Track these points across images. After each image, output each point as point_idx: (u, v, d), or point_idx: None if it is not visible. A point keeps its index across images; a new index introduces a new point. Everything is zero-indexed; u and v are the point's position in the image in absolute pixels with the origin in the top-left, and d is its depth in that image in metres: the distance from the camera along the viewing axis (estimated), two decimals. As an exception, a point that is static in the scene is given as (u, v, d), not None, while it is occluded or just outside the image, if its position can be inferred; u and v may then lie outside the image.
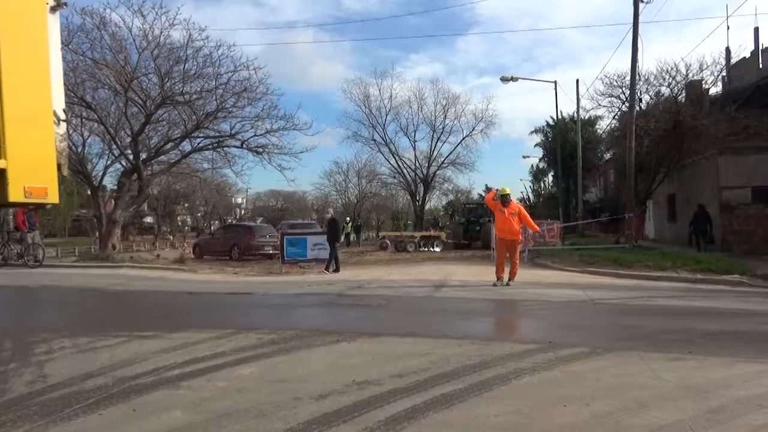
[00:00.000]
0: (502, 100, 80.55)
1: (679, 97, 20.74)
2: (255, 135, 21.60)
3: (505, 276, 11.29)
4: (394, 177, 43.66)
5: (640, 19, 18.46)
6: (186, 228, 56.83)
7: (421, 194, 42.21)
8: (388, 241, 26.52)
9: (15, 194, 2.68)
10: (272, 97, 20.96)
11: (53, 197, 2.89)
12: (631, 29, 18.61)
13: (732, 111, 19.83)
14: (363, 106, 40.63)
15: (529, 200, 55.16)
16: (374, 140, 41.00)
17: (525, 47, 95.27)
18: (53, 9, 2.82)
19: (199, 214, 57.67)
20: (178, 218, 55.29)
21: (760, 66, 23.10)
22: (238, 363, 4.96)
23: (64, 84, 2.77)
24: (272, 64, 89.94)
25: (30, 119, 2.75)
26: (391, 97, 40.59)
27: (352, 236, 35.87)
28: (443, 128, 40.58)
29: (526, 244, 18.01)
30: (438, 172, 41.75)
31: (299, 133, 24.32)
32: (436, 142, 40.77)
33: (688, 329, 6.45)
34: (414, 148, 41.58)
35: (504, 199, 11.39)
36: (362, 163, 47.28)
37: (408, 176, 41.91)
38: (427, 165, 41.11)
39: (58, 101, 2.96)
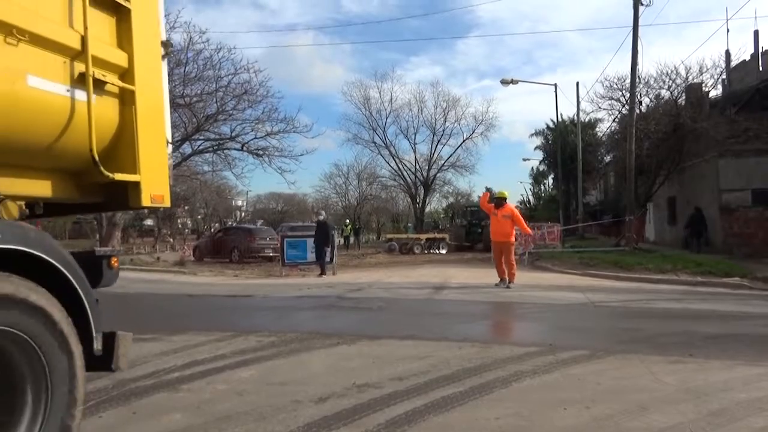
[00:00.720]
0: (503, 103, 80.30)
1: (679, 99, 20.76)
2: (255, 137, 21.66)
3: (507, 278, 11.34)
4: (395, 179, 43.73)
5: (640, 21, 18.55)
6: (186, 231, 56.81)
7: (422, 197, 42.26)
8: (396, 244, 26.55)
9: (145, 201, 3.39)
10: (272, 100, 21.00)
11: (167, 202, 3.65)
12: (631, 32, 18.67)
13: (732, 114, 19.86)
14: (363, 108, 40.72)
15: (529, 203, 55.13)
16: (374, 143, 41.11)
17: (525, 50, 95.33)
18: (163, 57, 3.60)
19: (199, 217, 57.63)
20: (179, 221, 55.27)
21: (760, 69, 23.14)
22: (238, 365, 4.95)
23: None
24: (272, 66, 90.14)
25: (153, 143, 3.47)
26: (391, 99, 40.71)
27: (352, 239, 35.85)
28: (443, 131, 40.69)
29: (526, 247, 18.05)
30: (438, 174, 41.82)
31: (299, 136, 24.42)
32: (437, 145, 40.87)
33: (689, 332, 6.44)
34: (414, 151, 41.67)
35: (498, 201, 11.47)
36: (362, 166, 47.36)
37: (408, 179, 41.96)
38: (427, 167, 41.18)
39: (168, 128, 3.72)
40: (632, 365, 4.87)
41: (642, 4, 18.25)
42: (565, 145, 33.83)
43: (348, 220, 41.03)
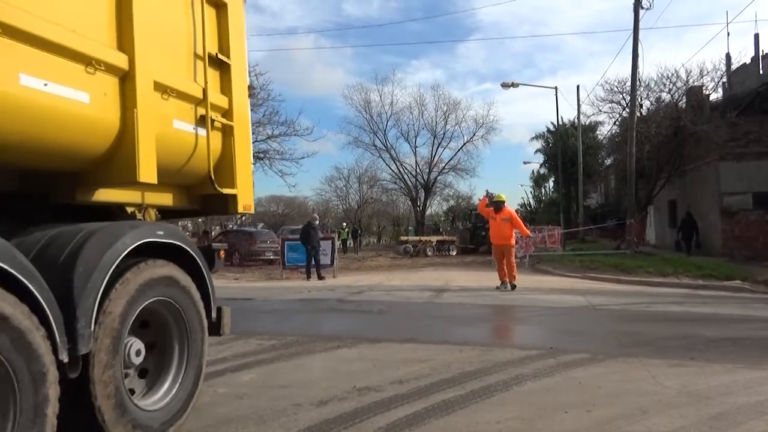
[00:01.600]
0: (503, 106, 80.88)
1: (680, 102, 20.76)
2: (256, 140, 21.67)
3: (508, 280, 11.36)
4: (395, 182, 43.72)
5: (641, 25, 18.57)
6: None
7: (422, 200, 42.25)
8: (411, 246, 26.66)
9: (240, 208, 4.36)
10: (273, 103, 21.04)
11: (252, 210, 4.72)
12: (632, 35, 18.70)
13: (733, 117, 19.84)
14: (364, 111, 40.74)
15: (530, 206, 55.12)
16: (375, 146, 41.11)
17: (525, 53, 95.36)
18: (249, 97, 4.70)
19: (200, 219, 57.62)
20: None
21: (761, 72, 23.15)
22: (239, 369, 4.95)
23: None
24: (273, 69, 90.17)
25: (244, 164, 4.40)
26: (392, 102, 40.73)
27: (349, 242, 35.83)
28: (444, 134, 40.69)
29: (527, 250, 18.05)
30: (439, 177, 41.81)
31: (300, 139, 24.43)
32: (437, 148, 40.86)
33: (690, 335, 6.43)
34: (415, 154, 41.68)
35: (497, 205, 11.55)
36: (363, 169, 47.36)
37: (409, 182, 41.97)
38: (428, 170, 41.18)
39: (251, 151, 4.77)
40: (633, 368, 4.86)
41: (642, 8, 18.30)
42: (565, 149, 33.84)
43: (345, 224, 41.01)
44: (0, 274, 2.20)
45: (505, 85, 27.40)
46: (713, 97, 21.44)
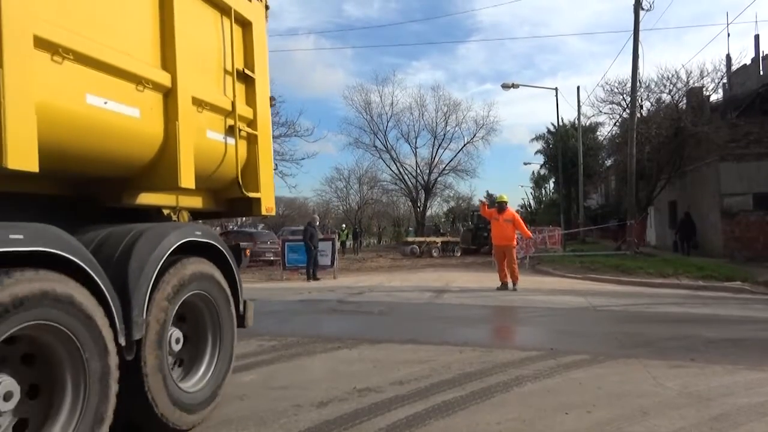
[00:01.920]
0: (503, 107, 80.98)
1: (680, 103, 20.77)
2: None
3: (509, 281, 11.38)
4: (395, 183, 43.78)
5: (641, 26, 18.58)
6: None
7: (422, 201, 42.28)
8: (417, 247, 26.70)
9: (263, 211, 4.74)
10: (274, 104, 21.05)
11: (274, 212, 4.98)
12: (632, 36, 18.70)
13: (733, 118, 19.84)
14: (364, 112, 40.80)
15: (530, 207, 55.13)
16: (375, 147, 41.16)
17: (526, 54, 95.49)
18: (270, 107, 5.05)
19: (200, 221, 57.60)
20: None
21: (761, 73, 23.15)
22: (239, 370, 4.95)
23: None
24: (274, 70, 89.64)
25: (267, 170, 4.80)
26: (392, 103, 40.82)
27: (349, 243, 35.81)
28: (444, 135, 40.76)
29: (527, 251, 18.04)
30: (439, 178, 41.88)
31: (301, 140, 24.42)
32: (437, 149, 40.92)
33: (690, 336, 6.43)
34: (415, 155, 41.74)
35: (500, 206, 11.62)
36: (363, 170, 47.42)
37: (409, 183, 42.01)
38: (428, 171, 41.23)
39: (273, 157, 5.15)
40: (633, 369, 4.86)
41: (642, 9, 18.29)
42: (566, 149, 33.83)
43: (344, 225, 40.99)
44: (73, 269, 2.58)
45: (505, 86, 27.41)
46: (713, 98, 21.47)
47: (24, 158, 2.58)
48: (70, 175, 3.29)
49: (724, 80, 22.61)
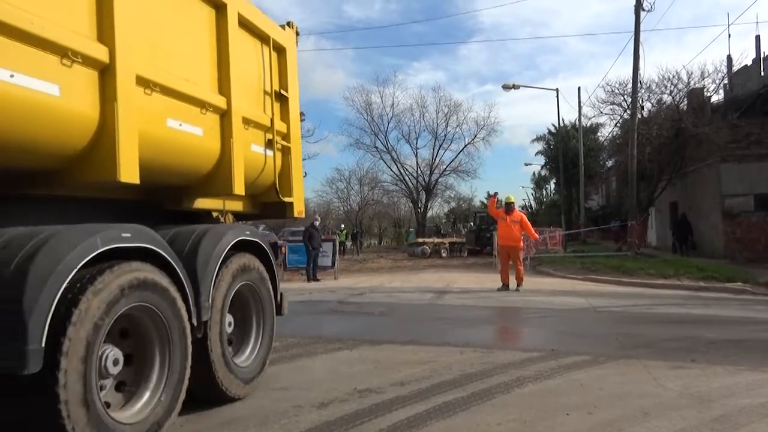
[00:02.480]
0: (504, 108, 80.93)
1: (681, 104, 20.76)
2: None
3: (512, 283, 11.39)
4: (396, 184, 43.74)
5: (642, 27, 18.56)
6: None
7: (423, 201, 42.25)
8: (428, 248, 26.75)
9: (295, 214, 5.43)
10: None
11: (303, 215, 5.66)
12: (633, 37, 18.69)
13: (734, 119, 19.84)
14: (365, 113, 40.77)
15: (531, 208, 55.09)
16: (376, 147, 41.14)
17: (527, 55, 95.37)
18: (301, 121, 5.75)
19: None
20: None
21: (762, 74, 23.13)
22: (240, 370, 4.95)
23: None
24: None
25: (298, 177, 5.48)
26: (393, 104, 40.79)
27: (348, 244, 35.77)
28: (445, 135, 40.73)
29: (528, 252, 18.02)
30: (440, 179, 41.85)
31: (302, 141, 24.28)
32: (438, 150, 40.89)
33: (691, 337, 6.42)
34: (416, 156, 41.72)
35: (508, 207, 11.61)
36: (364, 171, 47.35)
37: (410, 183, 41.99)
38: (429, 172, 41.21)
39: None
40: (634, 370, 4.85)
41: (643, 10, 18.29)
42: (566, 150, 33.82)
43: (342, 225, 40.95)
44: (160, 261, 3.21)
45: (506, 87, 27.40)
46: (714, 98, 21.44)
47: (130, 173, 3.23)
48: (148, 185, 3.65)
49: (725, 81, 22.60)
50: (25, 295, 2.39)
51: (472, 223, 31.09)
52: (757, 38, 25.44)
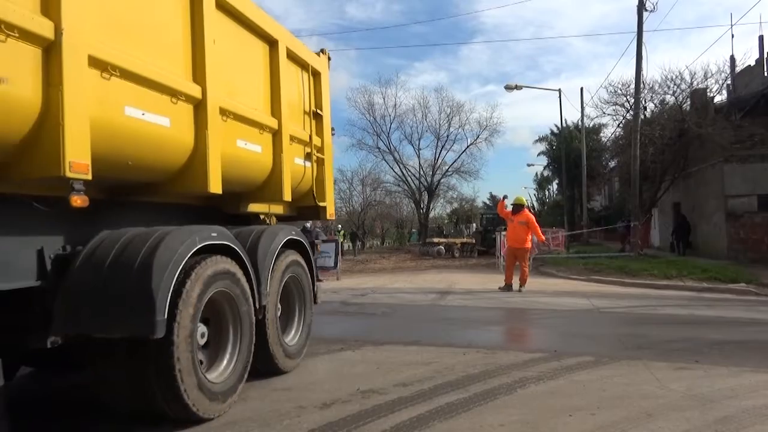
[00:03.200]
0: (507, 108, 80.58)
1: (684, 105, 20.68)
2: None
3: (515, 284, 11.39)
4: (399, 185, 43.64)
5: (644, 27, 18.50)
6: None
7: (426, 202, 42.18)
8: (443, 248, 26.80)
9: (328, 216, 6.27)
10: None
11: (334, 216, 6.56)
12: (635, 37, 18.66)
13: (737, 119, 19.76)
14: (367, 114, 40.69)
15: (534, 208, 55.04)
16: (378, 148, 41.07)
17: (529, 55, 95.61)
18: (332, 135, 6.56)
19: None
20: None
21: (765, 74, 23.05)
22: (243, 371, 4.95)
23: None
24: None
25: (330, 184, 6.38)
26: (395, 105, 40.68)
27: (347, 245, 35.71)
28: (447, 136, 40.61)
29: (531, 253, 17.96)
30: (442, 180, 41.71)
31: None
32: (441, 150, 40.78)
33: (694, 338, 6.41)
34: (418, 156, 41.63)
35: (515, 208, 11.58)
36: (366, 171, 47.24)
37: (412, 184, 41.91)
38: (431, 173, 41.10)
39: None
40: (637, 372, 4.84)
41: (646, 10, 18.23)
42: (569, 151, 33.74)
43: (340, 226, 40.87)
44: (234, 256, 3.97)
45: (508, 88, 27.37)
46: (717, 99, 21.33)
47: (215, 185, 4.04)
48: (223, 193, 4.24)
49: (728, 81, 22.51)
50: (153, 279, 3.12)
51: (478, 224, 31.14)
52: (761, 38, 25.39)
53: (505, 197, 12.69)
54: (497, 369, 4.93)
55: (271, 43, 5.07)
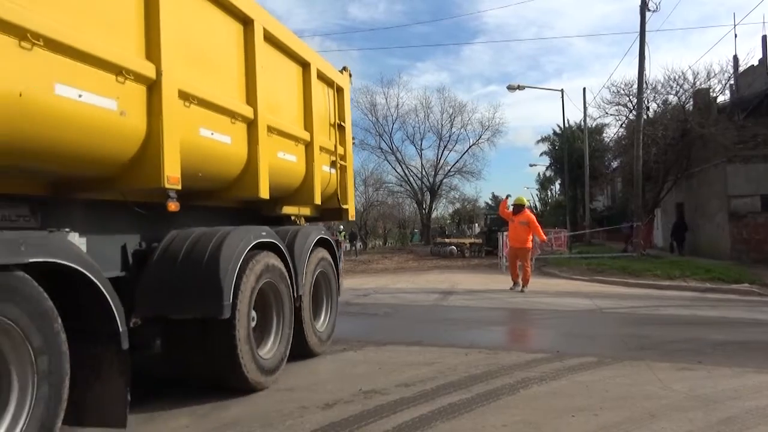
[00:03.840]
0: (509, 109, 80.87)
1: (687, 105, 20.63)
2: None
3: (518, 284, 11.38)
4: (401, 185, 43.79)
5: (647, 27, 18.46)
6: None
7: (428, 202, 42.24)
8: (455, 248, 26.81)
9: (350, 217, 7.04)
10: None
11: (354, 218, 7.17)
12: (638, 38, 18.62)
13: (740, 119, 19.71)
14: (370, 114, 40.82)
15: (536, 208, 54.94)
16: (381, 148, 41.20)
17: (531, 55, 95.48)
18: (353, 144, 7.46)
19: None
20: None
21: (768, 74, 22.97)
22: (245, 371, 4.95)
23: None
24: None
25: (351, 188, 7.11)
26: (397, 105, 40.91)
27: (346, 245, 35.67)
28: (450, 136, 40.74)
29: (533, 253, 17.95)
30: (444, 180, 41.86)
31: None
32: (443, 151, 40.91)
33: (697, 339, 6.39)
34: (420, 157, 41.75)
35: (516, 208, 11.60)
36: (369, 171, 47.33)
37: (414, 184, 42.02)
38: (433, 173, 41.22)
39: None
40: (640, 372, 4.84)
41: (649, 10, 18.20)
42: (571, 151, 33.69)
43: (342, 226, 40.84)
44: (277, 251, 4.63)
45: (510, 88, 27.35)
46: (720, 99, 21.30)
47: (264, 191, 4.71)
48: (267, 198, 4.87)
49: (731, 81, 22.45)
50: (221, 270, 3.80)
51: (482, 224, 31.13)
52: (764, 38, 25.29)
53: (507, 197, 12.69)
54: (500, 369, 4.93)
55: (304, 65, 5.79)
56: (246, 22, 4.62)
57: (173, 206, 3.75)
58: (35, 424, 2.47)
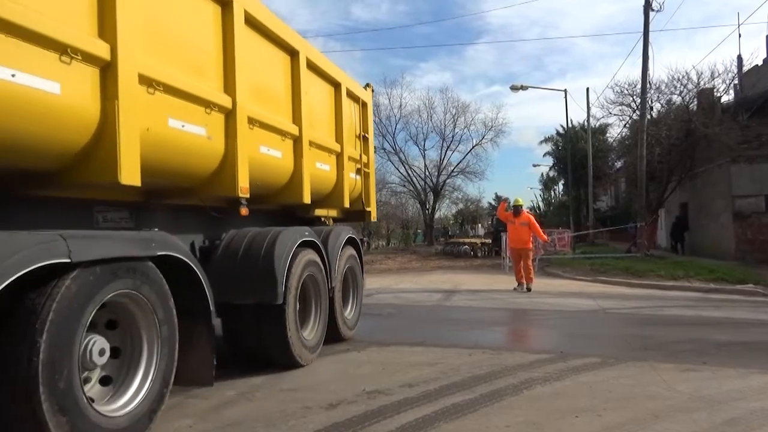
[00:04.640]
0: (512, 109, 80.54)
1: (691, 105, 20.57)
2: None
3: (524, 282, 11.41)
4: (404, 186, 43.62)
5: (651, 27, 18.44)
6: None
7: (431, 203, 42.14)
8: (468, 248, 26.85)
9: (372, 219, 7.96)
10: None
11: (375, 219, 8.26)
12: (642, 37, 18.59)
13: (744, 119, 19.64)
14: (373, 114, 40.72)
15: (539, 209, 54.86)
16: (384, 149, 41.01)
17: (535, 56, 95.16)
18: (375, 153, 8.48)
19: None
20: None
21: (773, 74, 22.87)
22: (248, 371, 4.95)
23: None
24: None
25: (373, 192, 7.91)
26: (400, 105, 40.64)
27: None
28: (453, 137, 40.53)
29: (536, 253, 17.93)
30: (448, 180, 41.65)
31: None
32: (446, 151, 40.71)
33: (701, 339, 6.38)
34: (424, 157, 41.56)
35: (515, 209, 11.68)
36: (372, 172, 47.31)
37: (418, 185, 41.87)
38: (436, 173, 41.06)
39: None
40: (644, 373, 4.83)
41: (653, 10, 18.18)
42: (575, 151, 33.61)
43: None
44: (316, 248, 5.37)
45: (514, 88, 27.30)
46: (724, 99, 21.20)
47: (307, 197, 5.50)
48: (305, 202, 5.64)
49: (735, 81, 22.37)
50: (275, 263, 4.50)
51: (488, 225, 31.11)
52: (768, 38, 25.19)
53: (505, 200, 12.83)
54: (503, 370, 4.92)
55: (336, 85, 6.59)
56: (293, 54, 5.46)
57: (244, 211, 4.60)
58: (160, 374, 3.35)
